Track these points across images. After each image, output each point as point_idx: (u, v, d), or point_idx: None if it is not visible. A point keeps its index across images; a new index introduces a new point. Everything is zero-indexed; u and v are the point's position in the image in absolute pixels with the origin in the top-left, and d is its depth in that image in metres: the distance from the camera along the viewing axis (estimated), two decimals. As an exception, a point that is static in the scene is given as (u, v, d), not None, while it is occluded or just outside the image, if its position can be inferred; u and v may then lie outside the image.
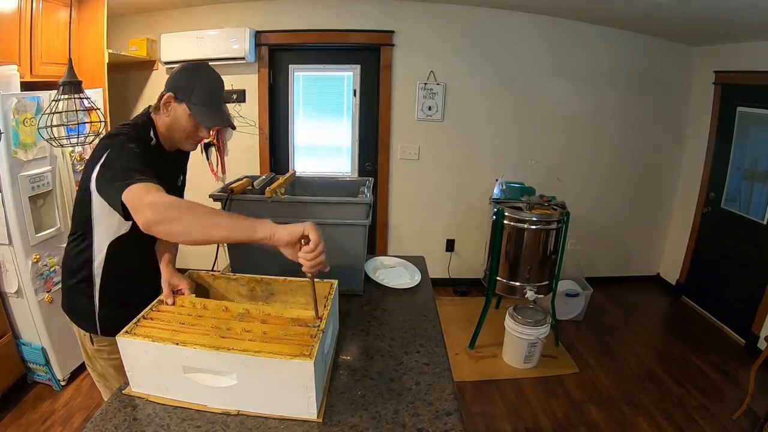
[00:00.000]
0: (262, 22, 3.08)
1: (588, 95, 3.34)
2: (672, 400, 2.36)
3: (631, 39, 3.24)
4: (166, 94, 1.23)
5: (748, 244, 2.94)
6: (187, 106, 1.23)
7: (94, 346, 1.37)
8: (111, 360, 1.36)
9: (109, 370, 1.39)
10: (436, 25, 3.14)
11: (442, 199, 3.50)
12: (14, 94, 1.92)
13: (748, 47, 2.89)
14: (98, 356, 1.39)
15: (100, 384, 1.49)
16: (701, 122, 3.33)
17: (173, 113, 1.25)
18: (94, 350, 1.38)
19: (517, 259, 2.58)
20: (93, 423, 0.89)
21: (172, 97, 1.23)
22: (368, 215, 1.41)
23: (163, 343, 0.90)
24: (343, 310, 1.35)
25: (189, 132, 1.28)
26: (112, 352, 1.32)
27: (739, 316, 2.96)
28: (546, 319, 2.51)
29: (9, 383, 2.15)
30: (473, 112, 3.32)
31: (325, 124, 3.42)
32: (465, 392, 2.39)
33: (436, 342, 1.22)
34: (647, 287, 3.77)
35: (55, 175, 2.16)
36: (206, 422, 0.89)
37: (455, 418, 0.93)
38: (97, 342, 1.36)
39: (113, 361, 1.34)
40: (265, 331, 0.96)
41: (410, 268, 1.68)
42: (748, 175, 3.00)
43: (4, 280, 2.08)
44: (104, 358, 1.38)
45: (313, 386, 0.87)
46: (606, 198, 3.59)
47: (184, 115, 1.24)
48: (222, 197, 1.42)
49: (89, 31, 2.48)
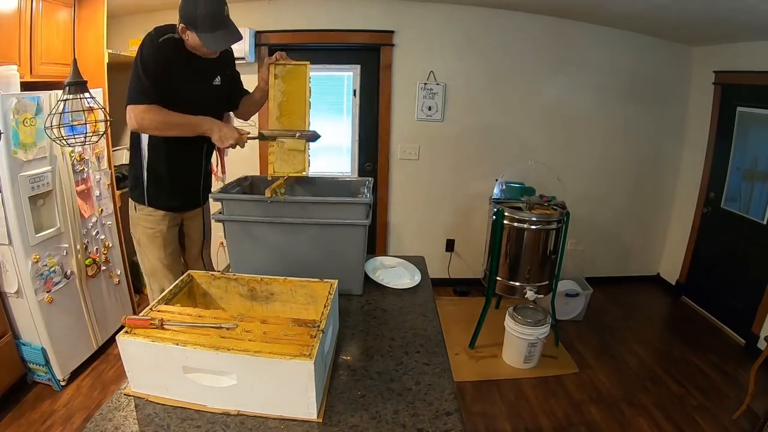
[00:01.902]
0: (262, 22, 3.08)
1: (588, 95, 3.34)
2: (672, 400, 2.36)
3: (631, 39, 3.24)
4: (180, 25, 1.47)
5: (748, 244, 2.94)
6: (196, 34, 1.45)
7: (137, 213, 1.74)
8: (147, 229, 1.74)
9: (143, 239, 1.76)
10: (436, 25, 3.14)
11: (442, 199, 3.50)
12: (14, 94, 1.92)
13: (747, 47, 2.89)
14: (138, 222, 1.75)
15: (137, 251, 1.83)
16: (701, 122, 3.33)
17: (190, 39, 1.50)
18: (137, 217, 1.75)
19: (517, 259, 2.58)
20: (93, 423, 0.89)
21: (185, 26, 1.46)
22: (368, 215, 1.41)
23: (163, 343, 0.90)
24: (343, 310, 1.35)
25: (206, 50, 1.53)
26: (149, 222, 1.74)
27: (739, 316, 2.96)
28: (546, 319, 2.51)
29: (9, 383, 2.15)
30: (473, 112, 3.32)
31: (325, 124, 3.41)
32: (465, 392, 2.39)
33: (436, 342, 1.22)
34: (647, 287, 3.77)
35: (55, 175, 2.16)
36: (206, 422, 0.89)
37: (455, 418, 0.93)
38: (139, 210, 1.73)
39: (148, 230, 1.74)
40: (265, 331, 0.96)
41: (410, 268, 1.68)
42: (748, 175, 3.00)
43: (4, 280, 2.08)
44: (142, 226, 1.74)
45: (313, 386, 0.87)
46: (606, 198, 3.59)
47: (197, 40, 1.47)
48: (221, 198, 1.43)
49: (89, 31, 2.48)
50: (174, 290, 1.15)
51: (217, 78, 1.72)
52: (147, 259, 1.80)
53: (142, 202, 1.72)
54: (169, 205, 1.77)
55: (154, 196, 1.72)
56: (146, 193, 1.70)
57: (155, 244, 1.76)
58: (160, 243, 1.77)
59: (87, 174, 2.39)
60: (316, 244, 1.43)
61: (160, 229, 1.76)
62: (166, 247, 1.79)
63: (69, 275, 2.27)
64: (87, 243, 2.39)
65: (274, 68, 1.58)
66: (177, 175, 1.74)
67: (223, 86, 1.75)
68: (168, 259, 1.80)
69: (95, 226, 2.46)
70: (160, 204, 1.74)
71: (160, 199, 1.73)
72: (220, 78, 1.73)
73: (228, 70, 1.80)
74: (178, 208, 1.82)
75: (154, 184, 1.70)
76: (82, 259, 2.34)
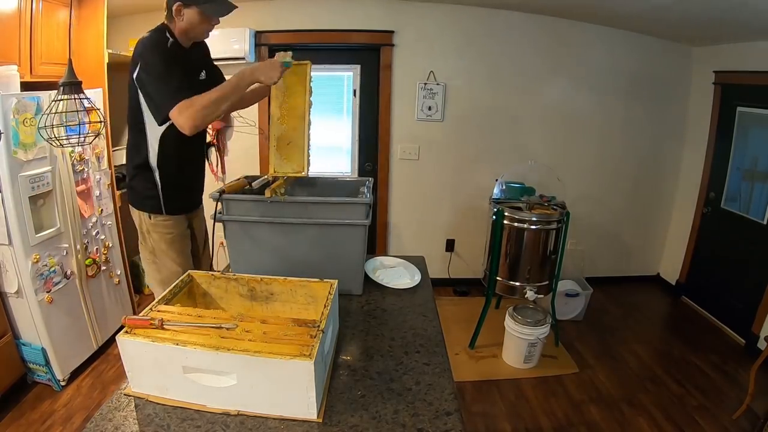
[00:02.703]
0: (262, 22, 3.08)
1: (588, 95, 3.34)
2: (672, 400, 2.36)
3: (631, 39, 3.24)
4: (176, 4, 1.47)
5: (748, 244, 2.94)
6: (196, 8, 1.48)
7: (152, 221, 1.70)
8: (165, 234, 1.71)
9: (161, 245, 1.72)
10: (436, 25, 3.14)
11: (442, 199, 3.50)
12: (14, 94, 1.92)
13: (747, 47, 2.89)
14: (154, 230, 1.71)
15: (147, 262, 1.78)
16: (701, 122, 3.33)
17: (186, 18, 1.50)
18: (152, 225, 1.70)
19: (517, 259, 2.58)
20: (93, 423, 0.88)
21: (181, 5, 1.48)
22: (368, 215, 1.41)
23: (163, 343, 0.90)
24: (343, 310, 1.35)
25: (204, 27, 1.56)
26: (167, 227, 1.71)
27: (739, 316, 2.96)
28: (546, 319, 2.51)
29: (9, 383, 2.15)
30: (473, 112, 3.32)
31: (325, 124, 3.41)
32: (465, 392, 2.39)
33: (436, 342, 1.22)
34: (647, 287, 3.77)
35: (55, 175, 2.16)
36: (206, 422, 0.89)
37: (455, 418, 0.93)
38: (154, 218, 1.69)
39: (167, 235, 1.71)
40: (265, 331, 0.96)
41: (410, 268, 1.68)
42: (748, 175, 3.00)
43: (4, 280, 2.08)
44: (159, 232, 1.71)
45: (313, 386, 0.87)
46: (606, 198, 3.59)
47: (196, 16, 1.50)
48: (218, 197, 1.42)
49: (89, 31, 2.48)
50: (174, 290, 1.15)
51: (203, 73, 1.73)
52: (163, 267, 1.76)
53: (158, 211, 1.70)
54: (186, 206, 1.79)
55: (171, 204, 1.71)
56: (163, 203, 1.69)
57: (175, 249, 1.75)
58: (179, 246, 1.76)
59: (87, 174, 2.39)
60: (316, 244, 1.43)
61: (179, 232, 1.76)
62: (184, 250, 1.79)
63: (69, 275, 2.27)
64: (87, 243, 2.39)
65: None
66: (189, 178, 1.78)
67: (208, 81, 1.73)
68: (186, 262, 1.79)
69: (95, 226, 2.46)
70: (178, 209, 1.74)
71: (177, 205, 1.74)
72: (205, 73, 1.73)
73: (210, 64, 1.80)
74: (192, 208, 1.85)
75: (169, 193, 1.69)
76: (82, 259, 2.34)
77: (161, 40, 1.50)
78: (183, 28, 1.54)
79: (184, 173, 1.73)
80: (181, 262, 1.77)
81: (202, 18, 1.53)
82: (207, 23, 1.56)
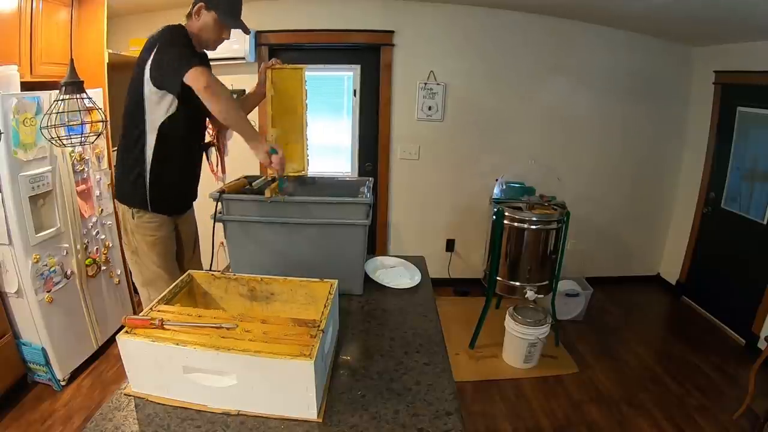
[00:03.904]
0: (262, 22, 3.07)
1: (588, 95, 3.34)
2: (672, 400, 2.36)
3: (631, 39, 3.24)
4: (198, 4, 1.54)
5: (748, 244, 2.94)
6: (215, 13, 1.54)
7: (135, 221, 1.67)
8: (147, 236, 1.68)
9: (143, 246, 1.70)
10: (436, 25, 3.14)
11: (442, 199, 3.50)
12: (14, 94, 1.91)
13: (748, 47, 2.89)
14: (137, 231, 1.68)
15: (131, 262, 1.78)
16: (701, 122, 3.33)
17: (203, 19, 1.57)
18: (135, 225, 1.68)
19: (517, 259, 2.58)
20: (93, 423, 0.88)
21: (203, 6, 1.54)
22: (368, 215, 1.41)
23: (164, 343, 0.90)
24: (343, 310, 1.35)
25: (215, 35, 1.61)
26: (150, 229, 1.68)
27: (739, 316, 2.96)
28: (546, 319, 2.51)
29: (9, 383, 2.15)
30: (473, 112, 3.32)
31: (325, 124, 3.41)
32: (465, 392, 2.39)
33: (436, 342, 1.22)
34: (647, 287, 3.77)
35: (55, 175, 2.16)
36: (206, 422, 0.89)
37: (455, 418, 0.93)
38: (138, 218, 1.67)
39: (148, 237, 1.68)
40: (265, 331, 0.96)
41: (410, 268, 1.68)
42: (748, 175, 3.00)
43: (4, 280, 2.08)
44: (141, 234, 1.68)
45: (313, 386, 0.87)
46: (606, 198, 3.59)
47: (212, 20, 1.56)
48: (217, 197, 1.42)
49: (89, 31, 2.48)
50: (174, 290, 1.15)
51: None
52: (145, 268, 1.74)
53: (144, 208, 1.67)
54: (173, 207, 1.76)
55: (158, 202, 1.67)
56: (149, 198, 1.65)
57: (155, 251, 1.73)
58: (161, 249, 1.74)
59: (87, 174, 2.39)
60: (317, 244, 1.43)
61: (160, 236, 1.72)
62: (166, 254, 1.76)
63: (69, 275, 2.27)
64: (87, 243, 2.39)
65: (271, 73, 1.61)
66: (181, 178, 1.75)
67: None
68: (169, 265, 1.77)
69: (95, 226, 2.46)
70: (164, 209, 1.71)
71: (163, 204, 1.70)
72: None
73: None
74: (179, 211, 1.82)
75: (157, 189, 1.66)
76: (82, 259, 2.34)
77: (181, 31, 1.55)
78: (197, 29, 1.59)
79: (176, 174, 1.71)
80: (162, 265, 1.74)
81: (216, 25, 1.58)
82: (218, 32, 1.61)
